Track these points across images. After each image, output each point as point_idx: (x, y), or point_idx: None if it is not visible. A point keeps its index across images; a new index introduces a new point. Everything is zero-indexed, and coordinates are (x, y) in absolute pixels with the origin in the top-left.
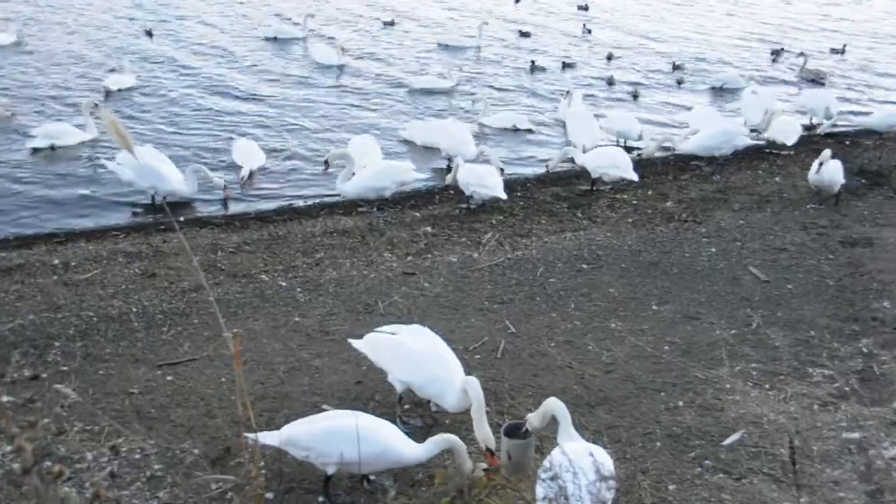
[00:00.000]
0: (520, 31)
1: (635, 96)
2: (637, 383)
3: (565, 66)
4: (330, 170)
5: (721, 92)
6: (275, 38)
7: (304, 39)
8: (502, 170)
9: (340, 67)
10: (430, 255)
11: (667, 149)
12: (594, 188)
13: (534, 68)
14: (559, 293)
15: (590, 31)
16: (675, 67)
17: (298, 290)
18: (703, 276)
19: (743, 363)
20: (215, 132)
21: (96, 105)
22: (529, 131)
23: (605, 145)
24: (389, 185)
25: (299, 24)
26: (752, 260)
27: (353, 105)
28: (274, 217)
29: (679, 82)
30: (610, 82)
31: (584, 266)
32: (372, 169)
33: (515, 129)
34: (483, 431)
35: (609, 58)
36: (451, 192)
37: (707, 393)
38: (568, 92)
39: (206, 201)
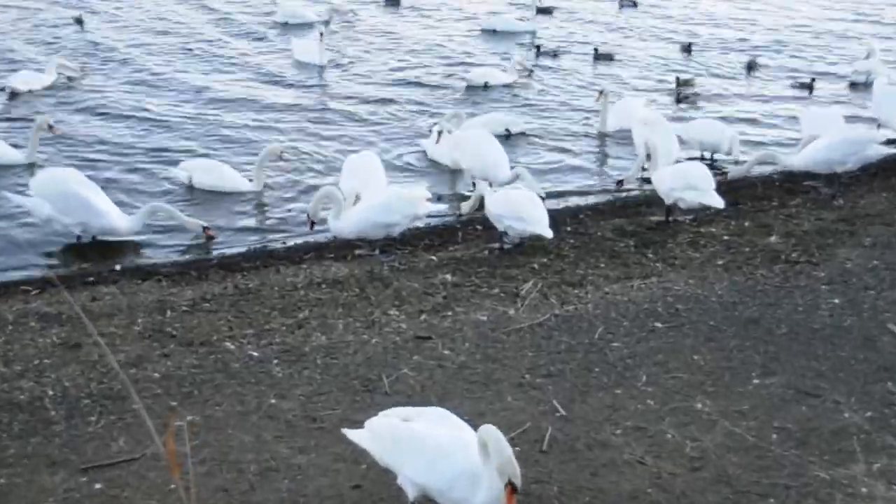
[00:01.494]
0: (538, 7)
1: (751, 67)
2: (734, 486)
3: (599, 56)
4: (317, 227)
5: (855, 89)
6: (285, 24)
7: (322, 25)
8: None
9: (321, 68)
10: (450, 313)
11: (764, 162)
12: (670, 219)
13: (540, 53)
14: (625, 362)
15: (635, 4)
16: (750, 67)
17: (275, 361)
18: (824, 338)
19: (884, 458)
20: (166, 149)
21: (51, 126)
22: (527, 135)
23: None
24: (398, 220)
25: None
26: (893, 315)
27: (348, 113)
28: (242, 264)
29: (762, 75)
30: (680, 83)
31: (659, 325)
32: (375, 199)
33: (508, 135)
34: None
35: (688, 49)
36: (479, 227)
37: (835, 500)
38: (601, 92)
39: (154, 245)
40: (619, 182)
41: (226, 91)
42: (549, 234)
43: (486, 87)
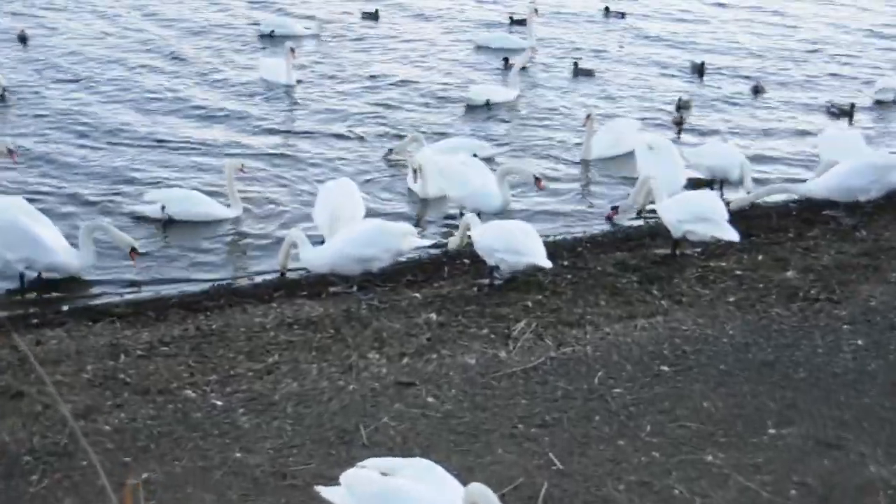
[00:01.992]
0: (511, 18)
1: (756, 91)
2: None
3: (578, 71)
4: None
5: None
6: (271, 34)
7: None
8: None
9: (290, 87)
10: (435, 356)
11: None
12: (677, 252)
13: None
14: (628, 410)
15: (622, 16)
16: (757, 90)
17: (241, 411)
18: (847, 383)
19: None
20: (118, 172)
21: (11, 151)
22: (494, 160)
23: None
24: (378, 255)
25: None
26: None
27: (322, 135)
28: (205, 303)
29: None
30: (680, 107)
31: (665, 368)
32: (353, 231)
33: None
34: None
35: (700, 71)
36: (467, 261)
37: None
38: (588, 116)
39: (105, 281)
40: (614, 209)
41: (190, 110)
42: (547, 263)
43: (488, 105)
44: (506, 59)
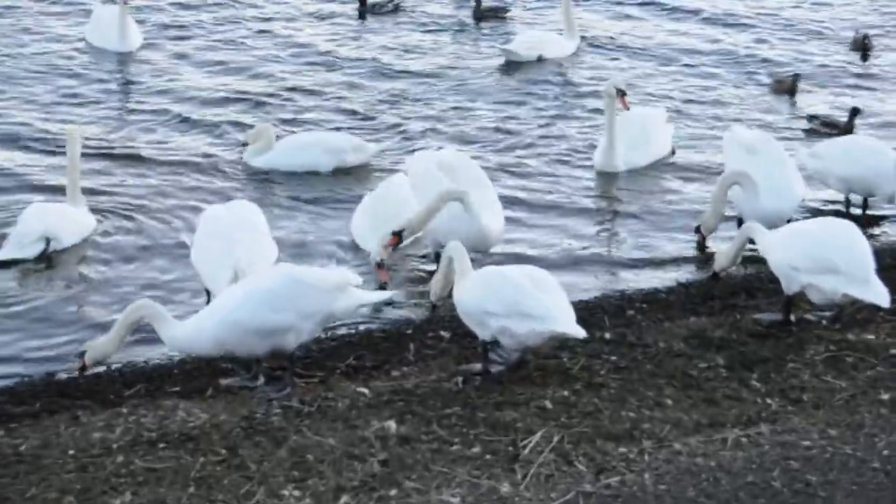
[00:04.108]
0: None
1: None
2: None
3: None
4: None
5: None
6: None
7: None
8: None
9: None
10: (395, 492)
11: None
12: (792, 319)
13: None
14: None
15: None
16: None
17: None
18: None
19: None
20: None
21: None
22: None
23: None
24: (295, 324)
25: None
26: None
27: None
28: (9, 407)
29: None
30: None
31: None
32: (251, 285)
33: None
34: None
35: (863, 48)
36: (444, 333)
37: None
38: (621, 93)
39: None
40: (698, 230)
41: None
42: (578, 332)
43: (540, 60)
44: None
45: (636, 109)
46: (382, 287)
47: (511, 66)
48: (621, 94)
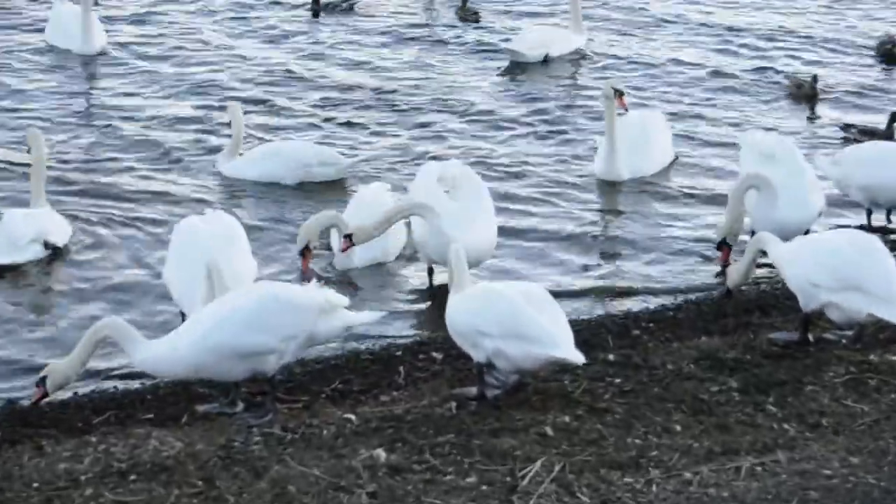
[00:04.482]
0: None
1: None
2: None
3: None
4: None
5: None
6: None
7: None
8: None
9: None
10: None
11: None
12: (810, 338)
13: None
14: None
15: None
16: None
17: None
18: None
19: None
20: None
21: None
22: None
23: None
24: (275, 346)
25: None
26: None
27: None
28: None
29: None
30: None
31: None
32: (228, 305)
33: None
34: None
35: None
36: (437, 355)
37: None
38: (619, 94)
39: None
40: (720, 246)
41: None
42: (577, 358)
43: (546, 61)
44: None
45: (633, 112)
46: (306, 280)
47: (497, 68)
48: (619, 94)
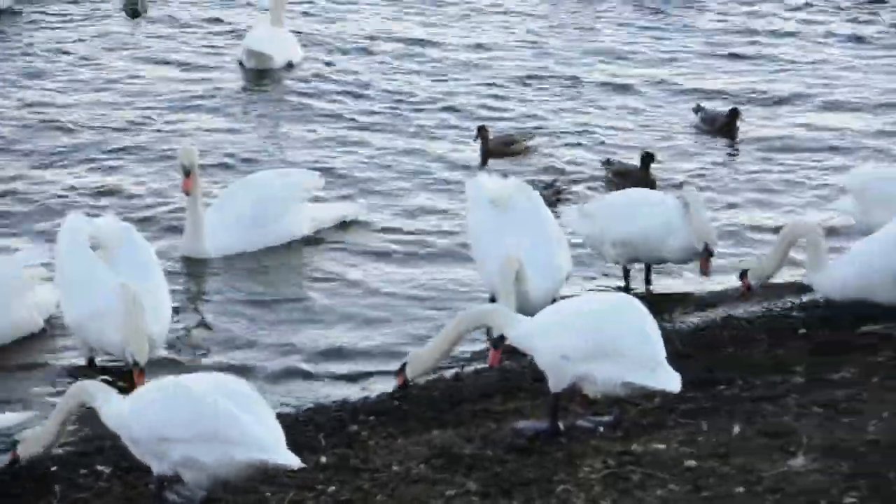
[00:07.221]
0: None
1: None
2: None
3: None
4: None
5: None
6: None
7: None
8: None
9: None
10: None
11: None
12: (558, 426)
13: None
14: None
15: None
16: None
17: None
18: None
19: None
20: None
21: None
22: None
23: None
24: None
25: None
26: None
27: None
28: None
29: None
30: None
31: None
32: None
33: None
34: None
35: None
36: (103, 466)
37: None
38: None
39: None
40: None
41: None
42: (292, 461)
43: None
44: None
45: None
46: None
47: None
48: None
